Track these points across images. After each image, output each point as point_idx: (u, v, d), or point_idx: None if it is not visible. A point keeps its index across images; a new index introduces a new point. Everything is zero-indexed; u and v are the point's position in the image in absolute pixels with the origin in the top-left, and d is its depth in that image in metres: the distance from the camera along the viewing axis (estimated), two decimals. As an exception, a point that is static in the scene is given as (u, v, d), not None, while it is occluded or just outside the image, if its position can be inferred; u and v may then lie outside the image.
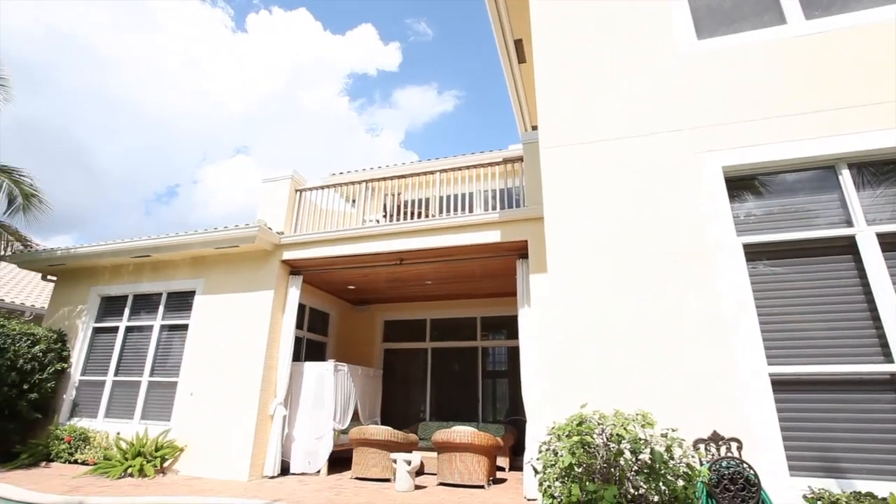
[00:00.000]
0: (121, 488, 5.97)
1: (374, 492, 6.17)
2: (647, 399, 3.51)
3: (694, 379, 3.57)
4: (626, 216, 4.21)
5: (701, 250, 3.86)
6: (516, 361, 7.05)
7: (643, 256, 4.02)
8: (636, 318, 3.87)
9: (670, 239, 3.99)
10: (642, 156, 4.34)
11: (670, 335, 3.73)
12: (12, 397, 7.67)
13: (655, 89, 4.52)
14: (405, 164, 11.35)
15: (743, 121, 4.10)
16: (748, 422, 3.36)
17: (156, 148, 72.76)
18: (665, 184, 4.18)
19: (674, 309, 3.78)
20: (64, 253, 8.86)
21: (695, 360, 3.61)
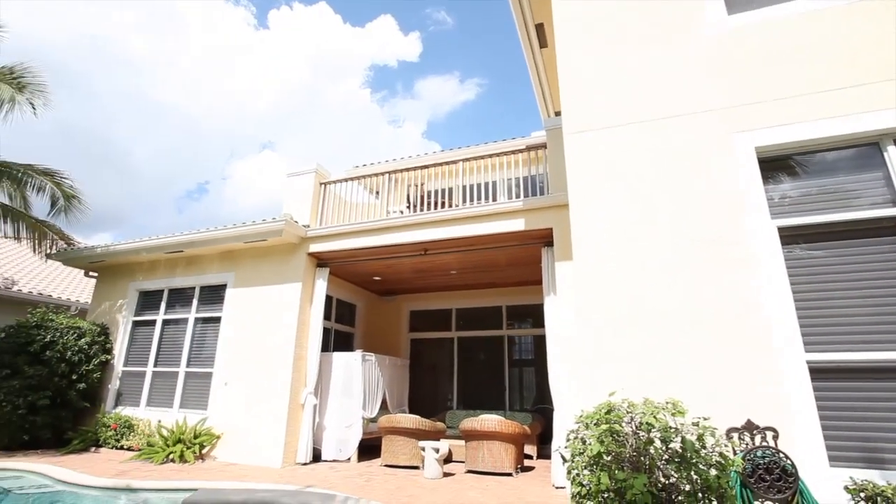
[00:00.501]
0: (164, 473, 6.26)
1: (404, 479, 6.29)
2: (678, 387, 3.44)
3: (727, 367, 3.48)
4: (655, 201, 4.11)
5: (734, 234, 3.74)
6: (543, 350, 7.01)
7: (672, 242, 3.92)
8: (666, 305, 3.79)
9: (701, 223, 3.87)
10: (671, 138, 4.21)
11: (701, 322, 3.64)
12: (63, 387, 8.11)
13: (684, 68, 4.37)
14: (427, 155, 11.33)
15: (778, 98, 3.93)
16: (785, 410, 3.26)
17: (186, 147, 74.78)
18: (695, 166, 4.05)
19: (706, 295, 3.69)
20: (103, 250, 9.25)
21: (728, 348, 3.52)
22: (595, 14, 4.88)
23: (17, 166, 9.37)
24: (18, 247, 13.56)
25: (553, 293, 6.56)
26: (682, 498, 2.58)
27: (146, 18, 52.40)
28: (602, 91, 4.66)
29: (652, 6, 4.64)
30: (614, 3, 4.81)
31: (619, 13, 4.76)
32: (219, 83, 65.59)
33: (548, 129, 7.01)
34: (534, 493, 5.55)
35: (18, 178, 9.35)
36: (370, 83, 72.89)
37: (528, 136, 10.32)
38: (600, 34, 4.81)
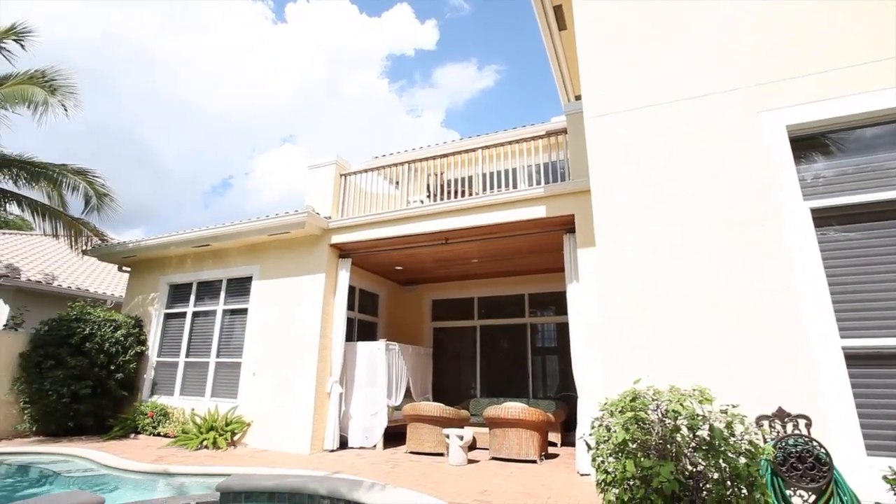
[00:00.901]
0: (199, 459, 6.50)
1: (429, 465, 6.37)
2: (706, 374, 3.38)
3: (757, 353, 3.39)
4: (680, 184, 4.00)
5: (764, 217, 3.62)
6: (566, 337, 6.96)
7: (700, 226, 3.82)
8: (693, 291, 3.71)
9: (730, 206, 3.76)
10: (696, 119, 4.08)
11: (730, 307, 3.55)
12: (103, 377, 8.48)
13: (708, 46, 4.21)
14: (446, 143, 11.28)
15: (809, 73, 3.75)
16: (818, 398, 3.16)
17: (209, 144, 76.38)
18: (722, 148, 3.92)
19: (735, 279, 3.59)
20: (135, 245, 9.57)
21: (758, 334, 3.42)
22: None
23: (52, 167, 9.72)
24: (57, 244, 14.16)
25: (575, 280, 6.49)
26: (711, 486, 2.54)
27: (167, 19, 53.35)
28: (624, 72, 4.53)
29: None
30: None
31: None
32: (239, 79, 66.51)
33: (568, 113, 6.88)
34: (558, 479, 5.55)
35: (54, 178, 9.70)
36: (388, 73, 72.74)
37: (548, 122, 10.16)
38: (619, 14, 4.67)
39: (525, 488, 5.10)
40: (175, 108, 67.35)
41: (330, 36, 66.29)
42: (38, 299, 11.47)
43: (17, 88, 8.88)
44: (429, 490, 4.81)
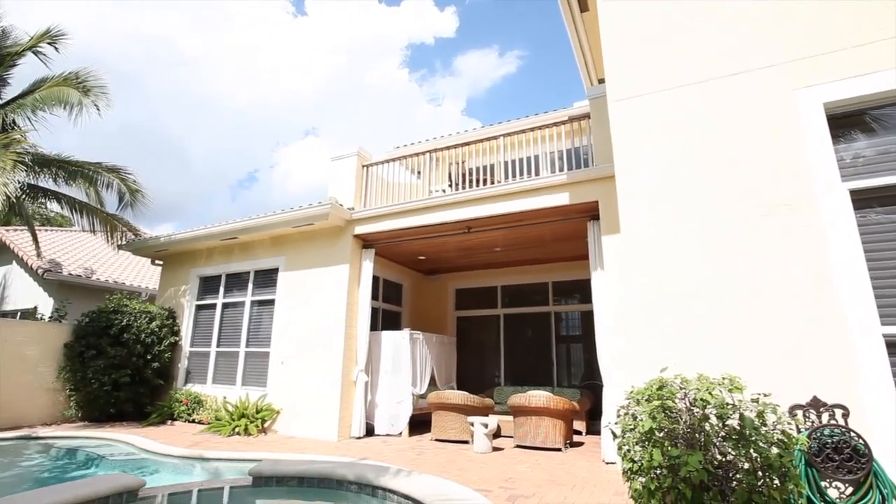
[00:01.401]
0: (231, 445, 6.73)
1: (454, 452, 6.44)
2: (735, 363, 3.29)
3: (790, 341, 3.28)
4: (709, 167, 3.87)
5: (798, 199, 3.47)
6: (590, 326, 6.89)
7: (730, 210, 3.70)
8: (723, 276, 3.60)
9: (763, 189, 3.62)
10: (725, 99, 3.93)
11: (763, 293, 3.44)
12: (140, 366, 8.85)
13: (738, 22, 4.03)
14: (468, 132, 11.19)
15: (849, 47, 3.56)
16: (856, 387, 3.05)
17: (235, 138, 77.91)
18: (754, 128, 3.77)
19: (767, 265, 3.47)
20: (166, 239, 9.87)
21: (792, 321, 3.31)
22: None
23: (88, 165, 10.09)
24: (94, 239, 14.74)
25: (600, 268, 6.40)
26: (741, 476, 2.49)
27: (192, 17, 54.27)
28: (648, 53, 4.39)
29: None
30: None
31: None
32: (261, 74, 67.38)
33: (591, 97, 6.73)
34: (583, 467, 5.54)
35: (90, 176, 10.07)
36: (408, 63, 72.47)
37: (570, 107, 9.96)
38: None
39: (550, 476, 5.11)
40: (201, 104, 68.89)
41: (349, 27, 66.31)
42: (78, 292, 12.00)
43: (54, 90, 9.21)
44: (454, 476, 4.87)
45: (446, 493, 3.74)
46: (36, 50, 9.51)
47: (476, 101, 75.79)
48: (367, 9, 64.10)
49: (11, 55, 9.29)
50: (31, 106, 9.24)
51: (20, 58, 9.42)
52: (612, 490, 4.51)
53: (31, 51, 9.46)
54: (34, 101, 9.21)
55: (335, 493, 4.27)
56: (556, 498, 4.25)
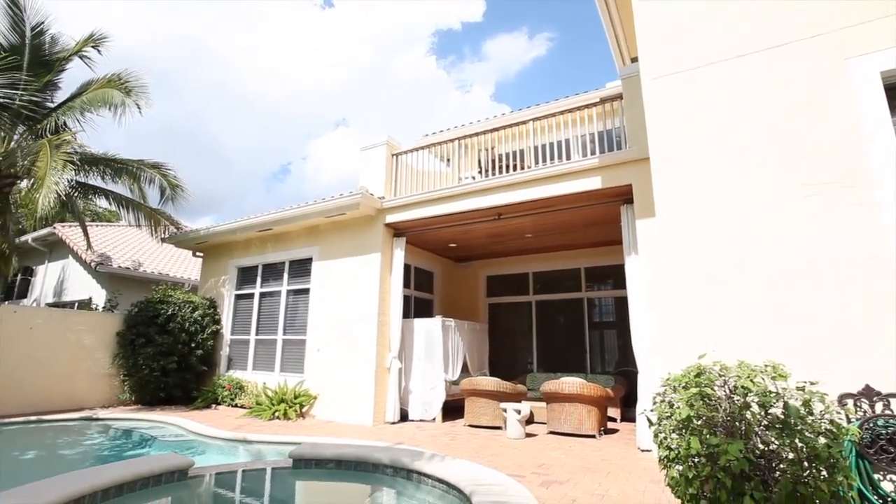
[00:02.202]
0: (272, 428, 7.00)
1: (487, 438, 6.49)
2: (779, 350, 3.16)
3: (840, 328, 3.12)
4: (750, 145, 3.69)
5: (851, 176, 3.27)
6: (624, 312, 6.75)
7: (774, 189, 3.53)
8: (766, 260, 3.45)
9: (810, 166, 3.43)
10: (769, 73, 3.72)
11: (808, 277, 3.28)
12: (185, 353, 9.29)
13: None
14: (496, 117, 11.04)
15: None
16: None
17: (267, 132, 79.67)
18: (800, 102, 3.56)
19: (815, 246, 3.30)
20: (205, 232, 10.25)
21: (841, 306, 3.14)
22: (676, -61, 4.35)
23: (132, 162, 10.55)
24: (139, 233, 15.45)
25: (634, 252, 6.24)
26: (785, 466, 2.40)
27: (224, 15, 55.41)
28: (685, 28, 4.20)
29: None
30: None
31: (704, -66, 4.20)
32: (292, 67, 68.37)
33: (623, 77, 6.50)
34: (618, 454, 5.48)
35: (134, 172, 10.53)
36: (435, 50, 71.89)
37: (601, 88, 9.66)
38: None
39: (584, 462, 5.08)
40: (235, 101, 70.67)
41: (376, 17, 66.19)
42: (127, 283, 12.66)
43: (99, 92, 9.63)
44: (487, 462, 4.91)
45: (480, 478, 3.78)
46: (81, 54, 9.94)
47: (505, 85, 74.58)
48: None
49: (60, 60, 9.75)
50: (80, 108, 9.71)
51: (67, 62, 9.87)
52: (647, 478, 4.45)
53: (77, 55, 9.90)
54: (82, 103, 9.66)
55: (371, 475, 4.38)
56: (590, 484, 4.23)
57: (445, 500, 3.74)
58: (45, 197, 7.50)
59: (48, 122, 9.49)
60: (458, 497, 3.62)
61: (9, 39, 9.24)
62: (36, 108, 9.40)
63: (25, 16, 9.18)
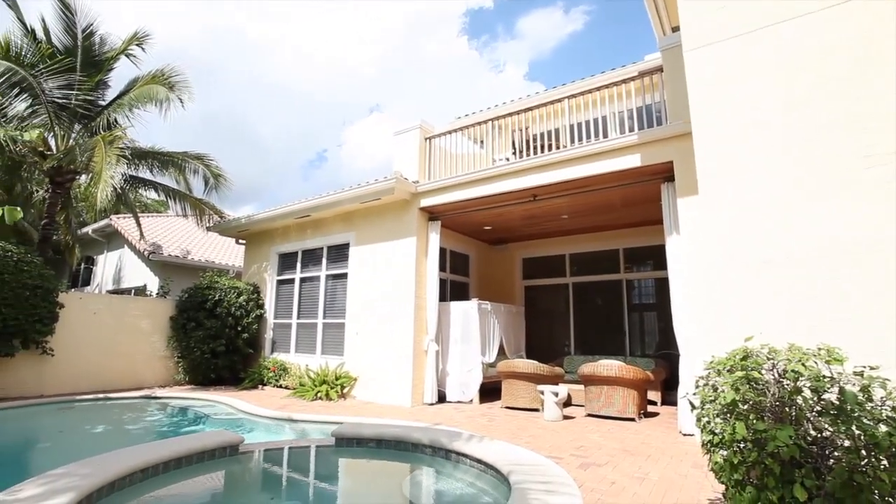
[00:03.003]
0: (314, 408, 7.28)
1: (524, 420, 6.52)
2: (832, 332, 2.99)
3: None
4: (805, 114, 3.46)
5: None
6: (665, 293, 6.56)
7: (830, 160, 3.31)
8: (820, 237, 3.26)
9: (874, 136, 3.18)
10: (829, 34, 3.45)
11: (868, 254, 3.07)
12: (232, 336, 9.74)
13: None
14: (530, 97, 10.79)
15: None
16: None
17: (303, 120, 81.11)
18: (868, 64, 3.29)
19: (876, 223, 3.08)
20: (247, 220, 10.62)
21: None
22: None
23: (177, 155, 11.01)
24: (186, 222, 16.18)
25: (675, 232, 6.02)
26: (840, 454, 2.29)
27: (257, 5, 56.29)
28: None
29: None
30: None
31: None
32: (324, 54, 68.95)
33: (663, 48, 6.20)
34: (658, 438, 5.38)
35: (179, 164, 11.00)
36: (467, 30, 70.67)
37: (640, 62, 9.24)
38: (729, -80, 4.01)
39: (623, 445, 5.03)
40: (271, 89, 72.15)
41: (406, 0, 65.47)
42: (177, 271, 13.34)
43: (144, 89, 10.06)
44: (525, 443, 4.94)
45: (518, 459, 3.81)
46: (127, 52, 10.37)
47: (540, 63, 72.59)
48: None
49: (108, 60, 10.22)
50: (128, 104, 10.18)
51: (115, 62, 10.33)
52: (689, 462, 4.36)
53: (123, 54, 10.34)
54: (130, 99, 10.12)
55: (411, 455, 4.49)
56: (630, 467, 4.19)
57: (483, 480, 3.80)
58: (103, 191, 7.96)
59: (101, 120, 10.00)
60: (495, 477, 3.67)
61: (63, 42, 9.75)
62: (90, 106, 9.92)
63: (77, 19, 9.64)
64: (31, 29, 9.43)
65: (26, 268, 7.75)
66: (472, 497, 3.71)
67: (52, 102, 9.34)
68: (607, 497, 3.44)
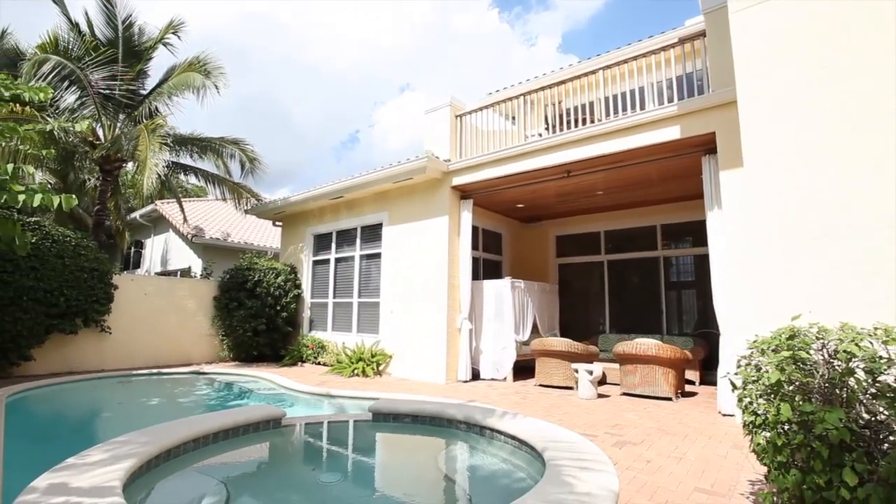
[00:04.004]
0: (351, 384, 7.51)
1: (558, 398, 6.52)
2: (887, 311, 2.82)
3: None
4: (865, 73, 3.20)
5: None
6: (704, 271, 6.34)
7: (890, 130, 3.06)
8: (874, 211, 3.04)
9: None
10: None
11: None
12: (272, 315, 10.11)
13: None
14: (563, 69, 10.43)
15: None
16: None
17: (335, 102, 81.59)
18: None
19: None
20: (282, 202, 10.87)
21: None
22: None
23: (214, 140, 11.32)
24: (225, 206, 16.72)
25: (717, 207, 5.77)
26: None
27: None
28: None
29: None
30: None
31: None
32: (355, 35, 68.65)
33: (706, 11, 5.83)
34: (696, 418, 5.28)
35: (217, 149, 11.33)
36: (498, 2, 68.65)
37: (680, 27, 8.74)
38: None
39: (659, 424, 4.97)
40: (304, 71, 72.68)
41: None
42: (218, 253, 13.88)
43: (182, 76, 10.33)
44: (558, 420, 4.95)
45: (552, 436, 3.83)
46: (164, 41, 10.64)
47: (574, 34, 70.00)
48: (451, -52, 61.02)
49: (147, 49, 10.53)
50: (167, 93, 10.50)
51: (154, 51, 10.63)
52: (729, 442, 4.27)
53: (160, 43, 10.62)
54: (168, 88, 10.43)
55: (446, 430, 4.59)
56: (666, 447, 4.15)
57: (517, 456, 3.84)
58: (148, 178, 8.33)
59: (143, 109, 10.38)
60: (529, 453, 3.70)
61: (105, 34, 10.09)
62: (132, 96, 10.29)
63: (117, 10, 9.94)
64: (76, 22, 9.80)
65: (83, 252, 8.25)
66: (506, 472, 3.76)
67: (99, 94, 9.73)
68: (643, 475, 3.42)
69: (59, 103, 9.65)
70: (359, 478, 4.03)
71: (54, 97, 9.52)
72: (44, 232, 7.82)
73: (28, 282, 7.45)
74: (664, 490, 3.17)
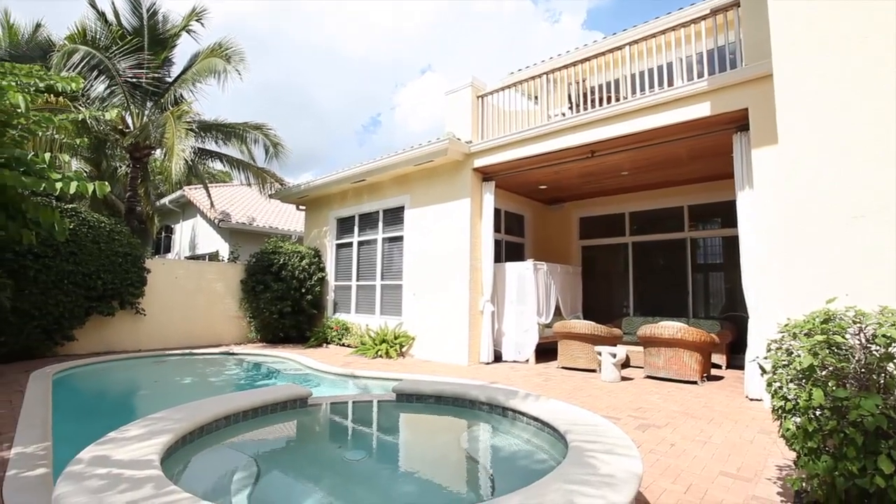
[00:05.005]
0: (375, 365, 7.65)
1: (581, 380, 6.50)
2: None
3: None
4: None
5: None
6: (732, 252, 6.17)
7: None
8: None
9: None
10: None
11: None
12: (297, 298, 10.32)
13: None
14: (587, 46, 10.13)
15: None
16: None
17: (357, 85, 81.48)
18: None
19: None
20: (306, 186, 10.99)
21: None
22: None
23: (238, 125, 11.47)
24: (249, 191, 17.02)
25: (748, 186, 5.57)
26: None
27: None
28: None
29: None
30: None
31: None
32: (377, 16, 68.00)
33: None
34: (722, 402, 5.20)
35: (241, 134, 11.48)
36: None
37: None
38: None
39: (684, 408, 4.91)
40: (326, 55, 72.71)
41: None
42: (244, 237, 14.17)
43: (205, 63, 10.45)
44: (581, 403, 4.95)
45: (575, 418, 3.83)
46: (188, 28, 10.76)
47: (599, 10, 67.76)
48: (471, -78, 59.39)
49: (172, 37, 10.67)
50: (191, 79, 10.65)
51: (177, 38, 10.77)
52: (756, 427, 4.20)
53: (184, 30, 10.74)
54: (192, 74, 10.58)
55: (468, 411, 4.64)
56: (691, 430, 4.11)
57: (540, 438, 3.86)
58: (176, 164, 8.52)
59: (168, 96, 10.56)
60: (552, 435, 3.71)
61: (131, 23, 10.25)
62: (158, 83, 10.48)
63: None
64: (102, 12, 9.97)
65: (117, 237, 8.56)
66: (528, 453, 3.79)
67: (126, 82, 9.94)
68: (667, 458, 3.41)
69: (89, 93, 9.90)
70: (383, 456, 4.13)
71: (84, 87, 9.77)
72: (80, 218, 8.13)
73: (68, 266, 7.78)
74: (688, 473, 3.15)
